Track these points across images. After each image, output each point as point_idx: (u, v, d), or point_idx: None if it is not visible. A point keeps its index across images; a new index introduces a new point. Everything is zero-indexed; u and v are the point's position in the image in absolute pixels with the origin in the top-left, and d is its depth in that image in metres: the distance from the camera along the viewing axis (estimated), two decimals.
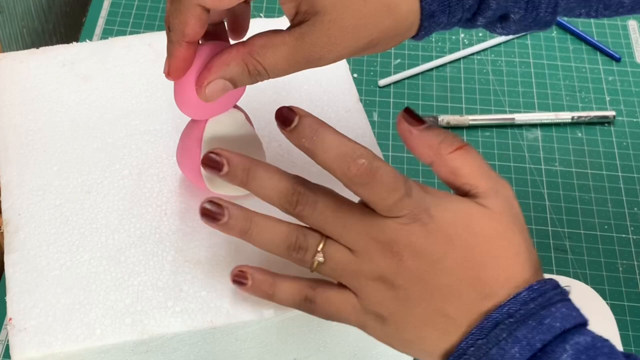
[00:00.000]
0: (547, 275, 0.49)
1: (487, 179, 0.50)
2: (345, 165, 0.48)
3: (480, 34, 1.02)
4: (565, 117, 0.93)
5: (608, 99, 0.96)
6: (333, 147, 0.48)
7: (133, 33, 0.96)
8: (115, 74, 0.65)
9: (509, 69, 0.98)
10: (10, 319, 0.52)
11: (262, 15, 1.01)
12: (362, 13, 0.48)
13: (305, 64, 0.50)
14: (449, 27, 0.51)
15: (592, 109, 0.95)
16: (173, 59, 0.51)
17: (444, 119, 0.91)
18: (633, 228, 0.84)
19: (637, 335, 0.77)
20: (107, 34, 0.98)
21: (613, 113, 0.94)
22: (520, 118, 0.93)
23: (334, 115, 0.50)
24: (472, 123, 0.92)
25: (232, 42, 0.55)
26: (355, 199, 0.51)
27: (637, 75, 0.98)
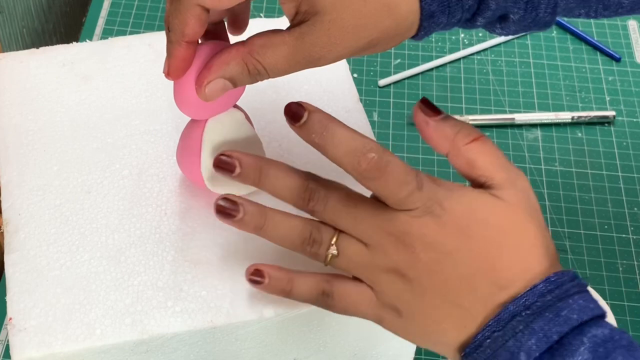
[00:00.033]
0: None
1: (503, 171, 0.50)
2: (356, 160, 0.48)
3: (480, 34, 1.02)
4: (565, 117, 0.93)
5: (608, 99, 0.96)
6: (343, 142, 0.49)
7: (133, 33, 0.96)
8: (115, 74, 0.65)
9: (509, 69, 0.98)
10: (11, 319, 0.52)
11: (262, 15, 1.01)
12: (362, 13, 0.48)
13: (305, 64, 0.49)
14: (449, 27, 0.51)
15: (592, 109, 0.95)
16: (173, 59, 0.51)
17: None
18: (633, 228, 0.84)
19: (637, 335, 0.77)
20: (107, 34, 0.98)
21: (613, 113, 0.94)
22: (520, 118, 0.93)
23: (334, 115, 0.50)
24: (472, 123, 0.91)
25: (231, 37, 0.55)
26: (368, 194, 0.51)
27: (637, 75, 0.98)
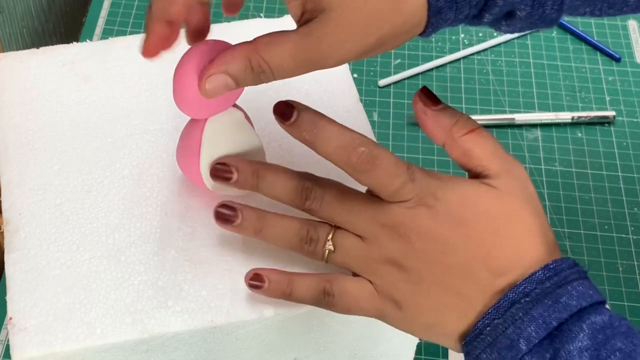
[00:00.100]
0: None
1: (499, 160, 0.50)
2: (346, 155, 0.49)
3: (480, 34, 1.02)
4: (565, 117, 0.93)
5: (608, 99, 0.96)
6: (333, 137, 0.49)
7: (133, 33, 0.96)
8: (115, 74, 0.65)
9: (509, 69, 0.98)
10: (11, 319, 0.52)
11: (262, 15, 1.01)
12: (369, 9, 0.47)
13: (312, 64, 0.48)
14: (456, 23, 0.50)
15: (592, 109, 0.95)
16: (152, 36, 0.50)
17: None
18: (633, 228, 0.84)
19: None
20: (107, 34, 0.98)
21: (613, 113, 0.94)
22: (520, 118, 0.93)
23: (334, 115, 0.50)
24: None
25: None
26: (364, 191, 0.51)
27: (637, 75, 0.98)
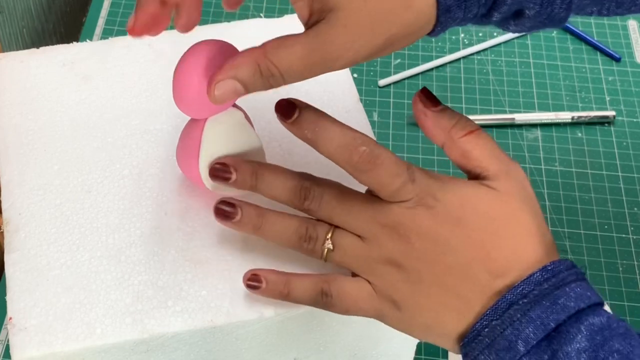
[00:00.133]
0: None
1: (497, 162, 0.50)
2: (348, 154, 0.49)
3: (480, 34, 1.02)
4: (565, 117, 0.93)
5: (608, 99, 0.96)
6: (334, 136, 0.49)
7: None
8: (115, 74, 0.65)
9: (509, 69, 0.98)
10: (11, 319, 0.52)
11: (262, 15, 1.01)
12: (379, 7, 0.46)
13: (322, 65, 0.47)
14: (465, 22, 0.49)
15: (592, 109, 0.95)
16: (141, 13, 0.49)
17: None
18: (633, 228, 0.84)
19: (639, 332, 0.77)
20: (107, 34, 0.98)
21: (613, 113, 0.94)
22: (520, 118, 0.93)
23: (334, 115, 0.50)
24: None
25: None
26: (363, 191, 0.51)
27: (637, 75, 0.98)
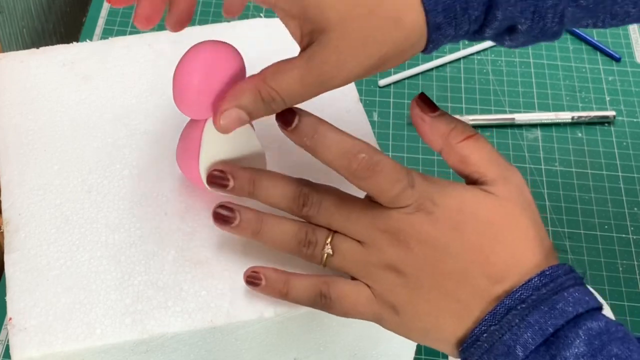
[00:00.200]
0: None
1: (496, 167, 0.50)
2: (347, 161, 0.49)
3: None
4: (565, 117, 0.93)
5: (608, 99, 0.96)
6: (334, 144, 0.49)
7: (133, 33, 0.95)
8: (115, 74, 0.65)
9: (509, 69, 0.98)
10: (11, 319, 0.52)
11: (262, 16, 1.01)
12: (369, 27, 0.47)
13: (319, 86, 0.48)
14: (458, 39, 0.50)
15: (592, 109, 0.95)
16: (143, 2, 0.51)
17: None
18: (633, 228, 0.84)
19: (637, 336, 0.77)
20: (107, 34, 0.98)
21: (613, 113, 0.94)
22: (520, 118, 0.93)
23: (334, 115, 0.50)
24: (472, 123, 0.92)
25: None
26: (362, 197, 0.51)
27: (637, 75, 0.98)
